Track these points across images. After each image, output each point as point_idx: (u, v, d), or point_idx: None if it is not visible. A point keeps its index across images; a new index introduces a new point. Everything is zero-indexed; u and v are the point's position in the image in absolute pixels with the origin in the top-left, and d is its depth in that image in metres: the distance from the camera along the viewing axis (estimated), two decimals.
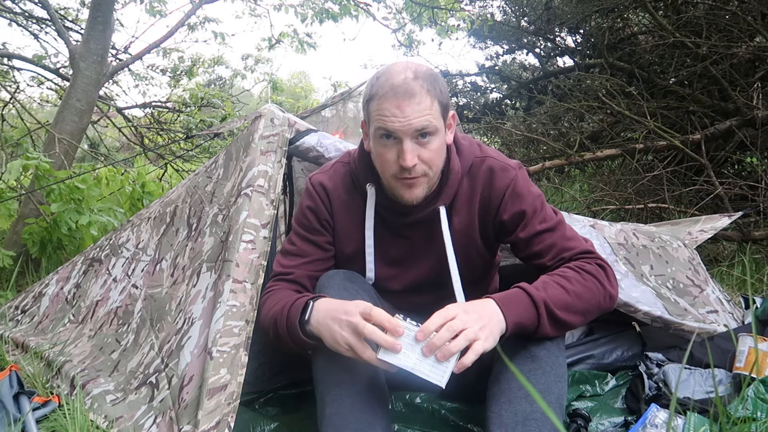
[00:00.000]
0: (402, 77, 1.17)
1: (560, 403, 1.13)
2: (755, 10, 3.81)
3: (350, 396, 1.10)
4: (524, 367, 1.14)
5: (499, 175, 1.31)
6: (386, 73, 1.21)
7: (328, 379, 1.13)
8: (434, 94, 1.19)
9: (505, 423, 1.07)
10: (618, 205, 3.81)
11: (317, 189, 1.40)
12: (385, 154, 1.22)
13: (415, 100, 1.16)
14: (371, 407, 1.11)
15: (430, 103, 1.18)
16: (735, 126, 3.58)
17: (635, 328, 1.86)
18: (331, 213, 1.40)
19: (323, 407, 1.12)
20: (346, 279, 1.28)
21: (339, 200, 1.40)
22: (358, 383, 1.12)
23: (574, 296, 1.17)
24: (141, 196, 3.31)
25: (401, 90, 1.16)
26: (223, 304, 1.33)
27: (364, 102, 1.25)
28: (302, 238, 1.40)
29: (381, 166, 1.26)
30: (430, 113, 1.18)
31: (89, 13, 3.03)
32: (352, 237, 1.40)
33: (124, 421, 1.28)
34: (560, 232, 1.30)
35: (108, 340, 1.65)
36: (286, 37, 4.91)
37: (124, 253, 1.91)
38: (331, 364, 1.15)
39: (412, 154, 1.18)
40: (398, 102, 1.16)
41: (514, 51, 7.19)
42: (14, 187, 3.10)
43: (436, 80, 1.21)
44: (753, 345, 1.49)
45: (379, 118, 1.19)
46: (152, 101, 5.24)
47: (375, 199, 1.35)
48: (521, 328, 1.12)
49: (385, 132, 1.20)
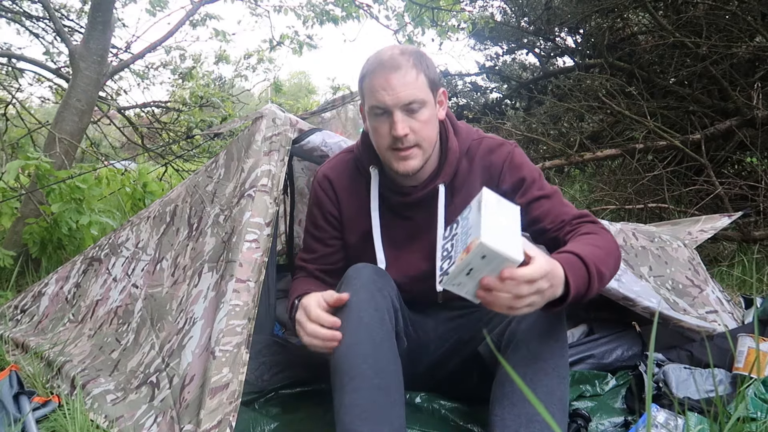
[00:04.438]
0: (389, 54, 1.27)
1: (563, 404, 1.13)
2: (755, 10, 3.81)
3: (370, 389, 1.10)
4: (527, 369, 1.13)
5: (497, 150, 1.39)
6: (376, 53, 1.31)
7: (347, 369, 1.12)
8: (420, 68, 1.26)
9: (508, 426, 1.08)
10: (618, 205, 3.81)
11: (321, 182, 1.48)
12: (379, 129, 1.29)
13: (401, 72, 1.24)
14: (390, 400, 1.11)
15: (415, 75, 1.25)
16: (735, 126, 3.59)
17: (635, 328, 1.86)
18: (336, 203, 1.47)
19: (342, 396, 1.11)
20: (374, 273, 1.28)
21: (343, 188, 1.46)
22: (378, 376, 1.12)
23: (606, 253, 1.20)
24: (142, 195, 3.30)
25: (388, 64, 1.25)
26: (226, 304, 1.33)
27: (359, 83, 1.33)
28: (310, 235, 1.50)
29: (377, 141, 1.33)
30: (417, 85, 1.25)
31: (89, 14, 3.03)
32: (359, 221, 1.43)
33: (125, 420, 1.28)
34: (557, 199, 1.37)
35: (108, 340, 1.65)
36: (287, 39, 4.90)
37: (124, 253, 1.91)
38: (353, 356, 1.14)
39: (402, 124, 1.25)
40: (386, 75, 1.24)
41: (514, 51, 7.19)
42: (14, 187, 3.10)
43: (423, 57, 1.29)
44: (752, 345, 1.49)
45: (370, 95, 1.27)
46: (152, 101, 5.24)
47: (378, 181, 1.40)
48: (575, 298, 1.10)
49: (377, 107, 1.26)
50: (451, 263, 1.03)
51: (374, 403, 1.09)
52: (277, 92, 5.73)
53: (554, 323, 1.19)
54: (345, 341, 1.15)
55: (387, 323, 1.18)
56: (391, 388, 1.13)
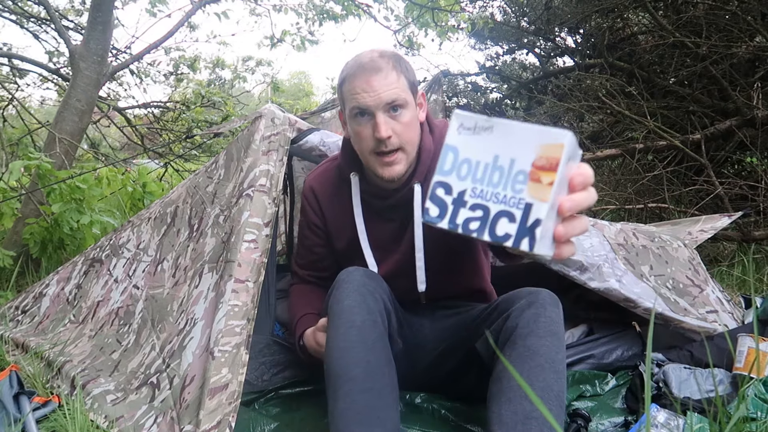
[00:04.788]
0: (368, 57, 1.27)
1: (560, 400, 1.13)
2: (755, 10, 3.81)
3: (363, 392, 1.10)
4: (524, 365, 1.13)
5: None
6: (355, 57, 1.31)
7: (341, 374, 1.13)
8: (400, 70, 1.28)
9: (505, 422, 1.07)
10: (618, 205, 3.81)
11: (306, 193, 1.52)
12: (361, 132, 1.29)
13: (383, 74, 1.24)
14: (384, 405, 1.11)
15: (396, 76, 1.26)
16: (735, 126, 3.59)
17: (635, 328, 1.86)
18: (320, 213, 1.50)
19: (335, 401, 1.12)
20: (365, 276, 1.28)
21: (327, 197, 1.48)
22: (371, 379, 1.12)
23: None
24: (142, 195, 3.31)
25: (369, 66, 1.25)
26: (225, 304, 1.33)
27: (338, 88, 1.33)
28: (300, 241, 1.57)
29: (359, 145, 1.32)
30: (398, 86, 1.26)
31: (89, 14, 3.03)
32: (344, 228, 1.45)
33: (125, 421, 1.28)
34: None
35: (109, 341, 1.65)
36: (288, 35, 4.90)
37: (125, 254, 1.91)
38: (346, 359, 1.15)
39: (385, 126, 1.25)
40: (367, 77, 1.24)
41: (514, 51, 7.18)
42: (14, 187, 3.11)
43: (402, 60, 1.31)
44: (752, 345, 1.49)
45: (351, 97, 1.27)
46: (152, 101, 5.24)
47: (359, 187, 1.41)
48: None
49: (359, 109, 1.27)
50: (519, 217, 0.65)
51: (367, 407, 1.09)
52: (276, 91, 5.73)
53: (551, 319, 1.19)
54: (337, 345, 1.15)
55: (379, 325, 1.18)
56: (385, 391, 1.13)
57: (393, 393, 1.15)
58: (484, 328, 1.27)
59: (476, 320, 1.35)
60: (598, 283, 1.66)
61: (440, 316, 1.46)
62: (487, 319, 1.29)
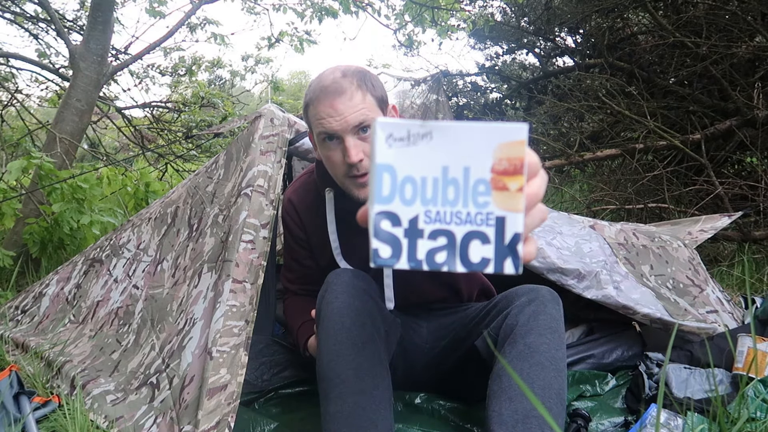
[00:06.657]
0: (331, 78, 1.22)
1: (561, 398, 1.12)
2: (755, 10, 3.81)
3: (354, 394, 1.10)
4: (524, 363, 1.12)
5: None
6: (317, 78, 1.25)
7: (332, 377, 1.13)
8: (366, 88, 1.22)
9: (505, 421, 1.07)
10: (618, 205, 3.81)
11: (286, 206, 1.50)
12: (332, 157, 1.25)
13: (346, 96, 1.19)
14: (375, 406, 1.11)
15: (362, 97, 1.21)
16: (735, 126, 3.58)
17: (635, 328, 1.86)
18: (301, 226, 1.48)
19: (327, 404, 1.12)
20: (354, 277, 1.27)
21: (306, 210, 1.47)
22: (362, 380, 1.12)
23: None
24: (145, 195, 3.31)
25: (332, 89, 1.20)
26: (222, 304, 1.33)
27: (304, 111, 1.28)
28: (288, 255, 1.56)
29: (332, 169, 1.29)
30: (364, 106, 1.21)
31: (89, 14, 3.03)
32: (325, 243, 1.43)
33: (125, 421, 1.28)
34: None
35: (108, 341, 1.65)
36: (286, 36, 4.90)
37: (125, 254, 1.91)
38: (336, 362, 1.15)
39: (356, 150, 1.21)
40: (331, 101, 1.19)
41: (514, 51, 7.19)
42: (14, 187, 3.11)
43: (366, 76, 1.25)
44: (752, 345, 1.49)
45: (317, 123, 1.23)
46: (152, 101, 5.23)
47: (334, 203, 1.39)
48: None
49: (326, 134, 1.23)
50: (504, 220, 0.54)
51: (358, 408, 1.09)
52: (276, 90, 5.73)
53: (552, 316, 1.19)
54: (328, 348, 1.15)
55: (369, 327, 1.17)
56: (377, 392, 1.12)
57: (386, 394, 1.15)
58: (484, 327, 1.27)
59: (475, 318, 1.34)
60: (596, 291, 1.66)
61: (438, 317, 1.46)
62: (487, 317, 1.29)
